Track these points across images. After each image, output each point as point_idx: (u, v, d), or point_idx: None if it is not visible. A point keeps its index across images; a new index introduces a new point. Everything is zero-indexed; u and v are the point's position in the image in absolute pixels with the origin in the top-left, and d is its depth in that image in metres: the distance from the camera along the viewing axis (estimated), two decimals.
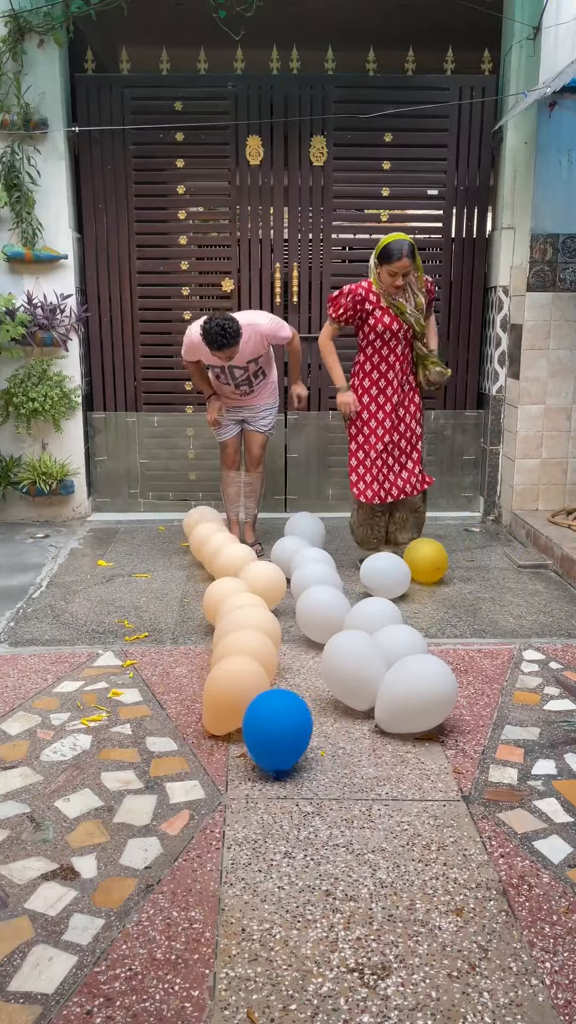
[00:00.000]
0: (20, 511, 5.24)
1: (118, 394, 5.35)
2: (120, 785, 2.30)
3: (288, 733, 2.29)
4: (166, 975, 1.63)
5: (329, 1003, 1.57)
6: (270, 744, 2.29)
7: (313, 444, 5.40)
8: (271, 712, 2.31)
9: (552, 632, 3.44)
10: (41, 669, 3.05)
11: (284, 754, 2.31)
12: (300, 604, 3.22)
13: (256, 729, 2.31)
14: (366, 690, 2.64)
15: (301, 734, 2.32)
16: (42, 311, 4.90)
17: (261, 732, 2.30)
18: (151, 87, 4.97)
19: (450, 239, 5.20)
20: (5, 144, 4.75)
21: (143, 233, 5.17)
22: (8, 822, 2.12)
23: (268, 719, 2.30)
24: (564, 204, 4.72)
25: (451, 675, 2.51)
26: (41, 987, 1.60)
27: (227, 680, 2.50)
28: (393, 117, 4.87)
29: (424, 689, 2.47)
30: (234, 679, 2.50)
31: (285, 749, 2.30)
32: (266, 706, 2.34)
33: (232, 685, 2.49)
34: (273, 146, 5.05)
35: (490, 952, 1.69)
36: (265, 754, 2.31)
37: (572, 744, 2.52)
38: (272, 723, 2.29)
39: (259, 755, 2.33)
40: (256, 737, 2.31)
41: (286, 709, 2.31)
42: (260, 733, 2.30)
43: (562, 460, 4.97)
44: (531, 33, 4.66)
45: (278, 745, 2.29)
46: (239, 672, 2.52)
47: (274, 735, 2.29)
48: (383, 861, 1.98)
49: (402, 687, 2.50)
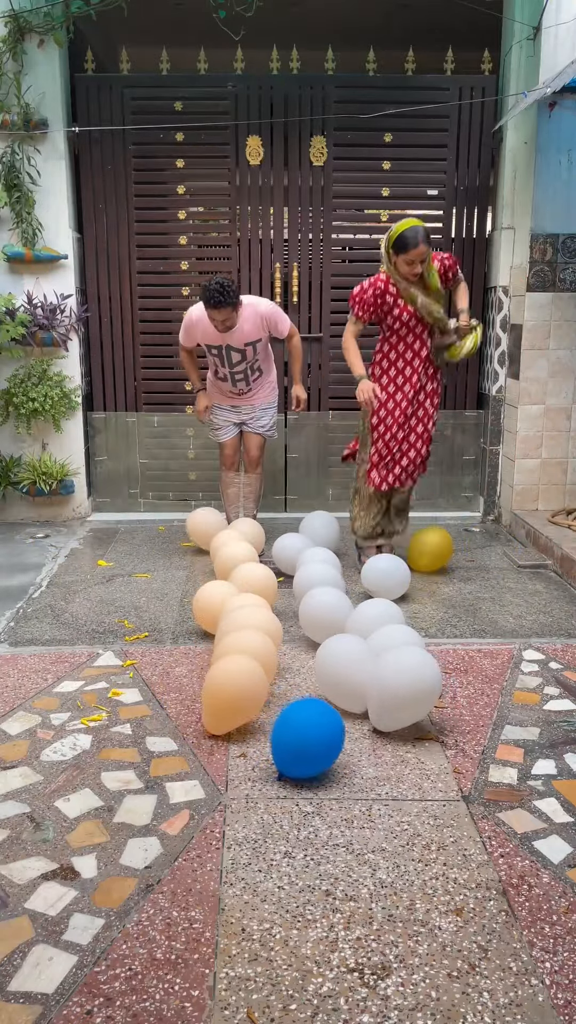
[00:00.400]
0: (20, 511, 5.24)
1: (118, 394, 5.35)
2: (120, 785, 2.30)
3: (323, 746, 2.28)
4: (166, 975, 1.63)
5: (329, 1003, 1.57)
6: (303, 753, 2.26)
7: (313, 444, 5.40)
8: (307, 722, 2.28)
9: (552, 632, 3.44)
10: (41, 669, 3.05)
11: (311, 764, 2.29)
12: (303, 605, 3.22)
13: (293, 736, 2.27)
14: (359, 693, 2.63)
15: (333, 749, 2.31)
16: (42, 311, 4.90)
17: (298, 740, 2.26)
18: (151, 87, 4.97)
19: (450, 239, 5.20)
20: (5, 144, 4.75)
21: (143, 233, 5.17)
22: (8, 822, 2.12)
23: (304, 728, 2.26)
24: (564, 204, 4.72)
25: (432, 664, 2.50)
26: (41, 987, 1.60)
27: (226, 679, 2.50)
28: (393, 117, 4.87)
29: (403, 681, 2.46)
30: (233, 679, 2.50)
31: (314, 760, 2.28)
32: (304, 716, 2.31)
33: (231, 685, 2.49)
34: (273, 146, 5.05)
35: (490, 952, 1.69)
36: (293, 762, 2.28)
37: (572, 744, 2.52)
38: (311, 733, 2.26)
39: (287, 761, 2.29)
40: (291, 745, 2.27)
41: (324, 722, 2.29)
42: (297, 741, 2.26)
43: (562, 460, 4.98)
44: (531, 33, 4.66)
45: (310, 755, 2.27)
46: (238, 672, 2.52)
47: (311, 745, 2.26)
48: (383, 861, 1.98)
49: (384, 681, 2.50)
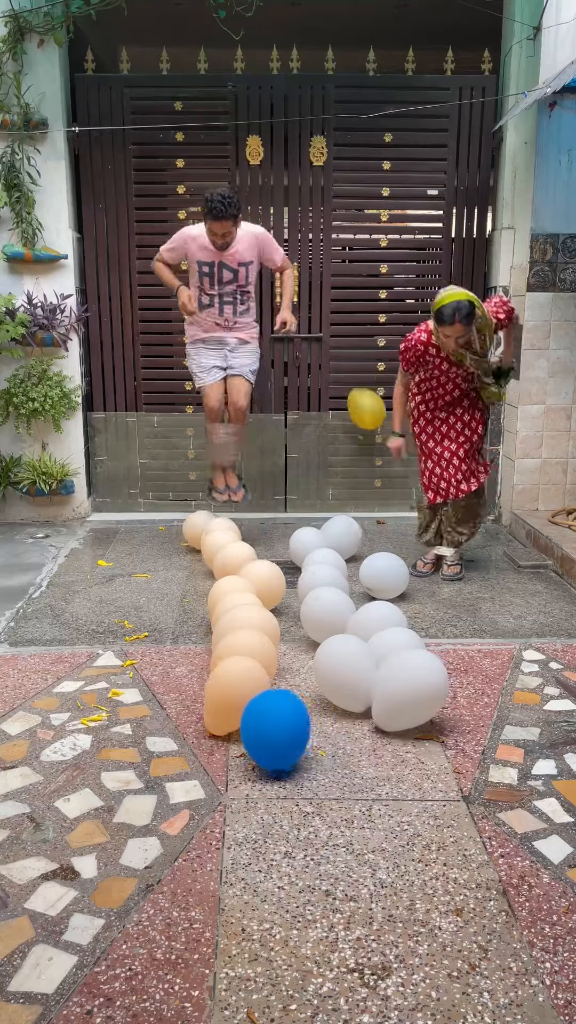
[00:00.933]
0: (20, 511, 5.24)
1: (118, 394, 5.35)
2: (120, 785, 2.30)
3: (286, 733, 2.29)
4: (166, 975, 1.63)
5: (329, 1003, 1.57)
6: (268, 744, 2.29)
7: (313, 444, 5.40)
8: (268, 711, 2.31)
9: (552, 632, 3.44)
10: (41, 669, 3.05)
11: (282, 754, 2.31)
12: (304, 605, 3.22)
13: (254, 728, 2.31)
14: (359, 692, 2.64)
15: (299, 734, 2.32)
16: (42, 311, 4.90)
17: (259, 731, 2.30)
18: (151, 87, 4.97)
19: (450, 239, 5.20)
20: (5, 144, 4.75)
21: (143, 233, 5.17)
22: (8, 822, 2.12)
23: (265, 718, 2.30)
24: (564, 204, 4.72)
25: (441, 667, 2.51)
26: (41, 987, 1.60)
27: (228, 681, 2.50)
28: (393, 117, 4.87)
29: (414, 682, 2.47)
30: (235, 680, 2.50)
31: (283, 749, 2.30)
32: (264, 706, 2.34)
33: (233, 686, 2.48)
34: (273, 146, 5.05)
35: (490, 952, 1.69)
36: (263, 754, 2.32)
37: (572, 744, 2.52)
38: (269, 722, 2.29)
39: (258, 755, 2.33)
40: (254, 737, 2.31)
41: (284, 709, 2.31)
42: (258, 732, 2.30)
43: (562, 460, 4.97)
44: (531, 33, 4.66)
45: (276, 745, 2.29)
46: (240, 673, 2.52)
47: (272, 734, 2.29)
48: (383, 861, 1.98)
49: (392, 683, 2.51)
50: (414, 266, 5.34)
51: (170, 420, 5.35)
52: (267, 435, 5.36)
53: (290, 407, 5.36)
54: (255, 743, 2.32)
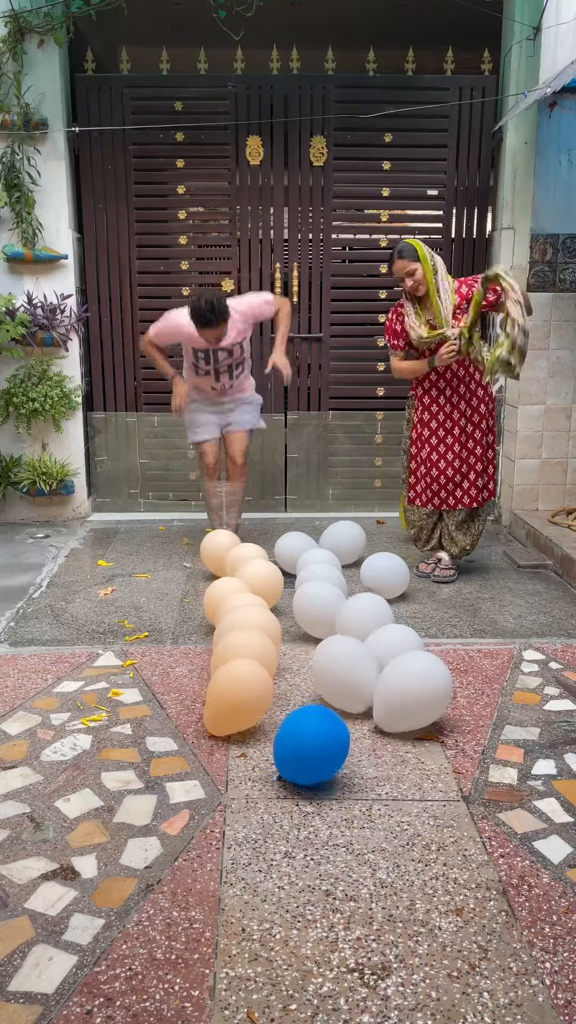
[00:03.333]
0: (20, 511, 5.24)
1: (118, 394, 5.35)
2: (120, 785, 2.30)
3: (325, 759, 2.25)
4: (166, 975, 1.63)
5: (329, 1003, 1.57)
6: (306, 762, 2.24)
7: (313, 444, 5.40)
8: (313, 731, 2.25)
9: (552, 632, 3.44)
10: (41, 669, 3.05)
11: (313, 773, 2.27)
12: (296, 599, 3.25)
13: (296, 744, 2.25)
14: (358, 693, 2.64)
15: (335, 762, 2.29)
16: (42, 311, 4.90)
17: (301, 748, 2.24)
18: (151, 87, 4.97)
19: (450, 239, 5.20)
20: (5, 144, 4.75)
21: (143, 233, 5.17)
22: (8, 822, 2.12)
23: (309, 737, 2.24)
24: (564, 204, 4.72)
25: (446, 670, 2.51)
26: (41, 987, 1.60)
27: (231, 682, 2.50)
28: (393, 117, 4.87)
29: (419, 686, 2.47)
30: (237, 681, 2.50)
31: (315, 770, 2.26)
32: (313, 725, 2.27)
33: (236, 687, 2.48)
34: (273, 146, 5.05)
35: (490, 952, 1.69)
36: (296, 769, 2.27)
37: (572, 744, 2.52)
38: (314, 742, 2.23)
39: (289, 768, 2.28)
40: (293, 751, 2.25)
41: (330, 732, 2.26)
42: (300, 749, 2.24)
43: (562, 460, 4.98)
44: (531, 33, 4.66)
45: (312, 765, 2.25)
46: (243, 674, 2.52)
47: (314, 755, 2.23)
48: (383, 861, 1.98)
49: (397, 685, 2.51)
50: None
51: (170, 420, 5.34)
52: (267, 435, 5.36)
53: (290, 407, 5.36)
54: (291, 758, 2.26)
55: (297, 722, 2.29)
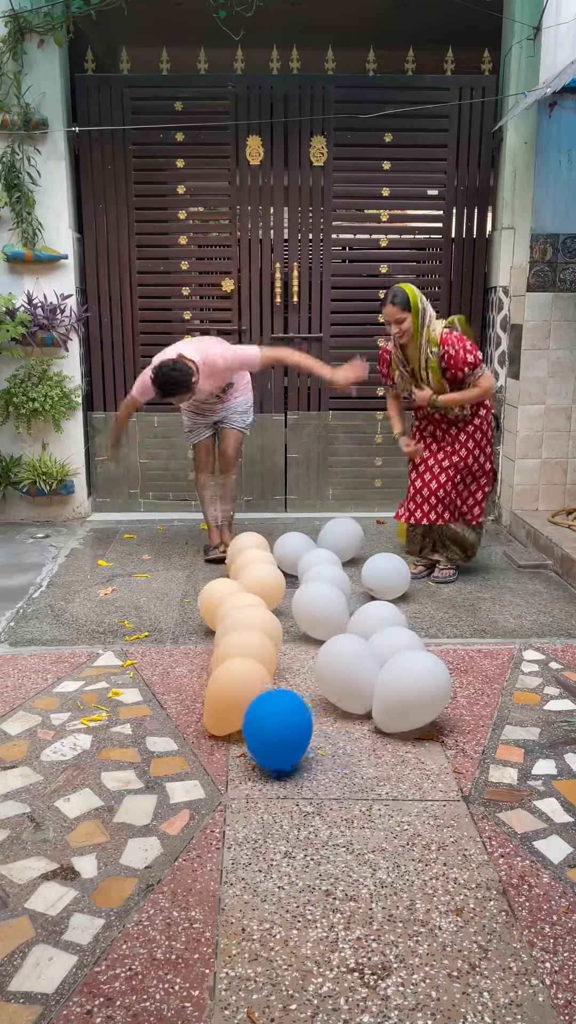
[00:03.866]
0: (20, 511, 5.24)
1: (118, 394, 5.34)
2: (120, 785, 2.30)
3: (288, 733, 2.29)
4: (166, 975, 1.63)
5: (329, 1003, 1.57)
6: (270, 744, 2.29)
7: (313, 444, 5.40)
8: (271, 712, 2.31)
9: (552, 632, 3.44)
10: (41, 669, 3.05)
11: (283, 754, 2.31)
12: (296, 600, 3.24)
13: (256, 728, 2.31)
14: (361, 693, 2.63)
15: (301, 734, 2.32)
16: (42, 311, 4.90)
17: (261, 732, 2.30)
18: (151, 87, 4.97)
19: (450, 239, 5.20)
20: (5, 144, 4.75)
21: (143, 233, 5.17)
22: (8, 822, 2.12)
23: (268, 719, 2.30)
24: (564, 204, 4.72)
25: (444, 669, 2.51)
26: (41, 987, 1.60)
27: (229, 681, 2.50)
28: (393, 117, 4.87)
29: (417, 685, 2.47)
30: (236, 681, 2.50)
31: (285, 749, 2.30)
32: (266, 706, 2.34)
33: (235, 687, 2.48)
34: (273, 146, 5.05)
35: (490, 952, 1.69)
36: (265, 754, 2.32)
37: (572, 744, 2.52)
38: (272, 723, 2.29)
39: (259, 754, 2.33)
40: (256, 736, 2.31)
41: (286, 709, 2.31)
42: (260, 733, 2.30)
43: (562, 460, 4.98)
44: (531, 33, 4.66)
45: (278, 745, 2.29)
46: (242, 674, 2.52)
47: (274, 735, 2.29)
48: (383, 861, 1.98)
49: (395, 684, 2.51)
50: (414, 266, 5.34)
51: (170, 420, 5.35)
52: (267, 435, 5.37)
53: (290, 407, 5.36)
54: (257, 742, 2.32)
55: (255, 710, 2.34)
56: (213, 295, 5.26)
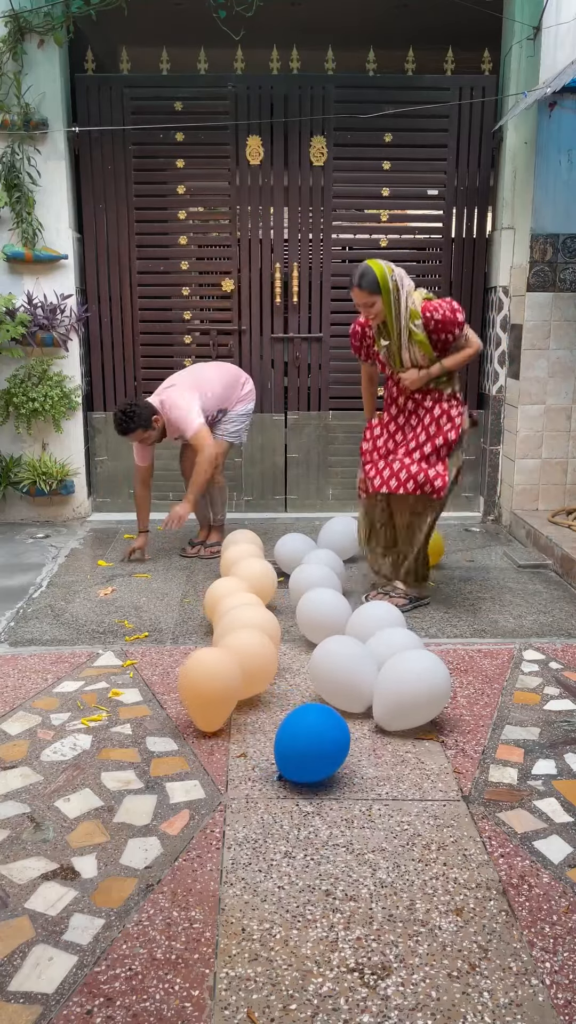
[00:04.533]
0: (20, 511, 5.24)
1: (118, 394, 5.34)
2: (120, 785, 2.30)
3: (328, 755, 2.26)
4: (166, 975, 1.63)
5: (329, 1003, 1.57)
6: (307, 760, 2.25)
7: (313, 444, 5.40)
8: (313, 729, 2.26)
9: (552, 632, 3.44)
10: (41, 669, 3.05)
11: (315, 771, 2.27)
12: (299, 606, 3.22)
13: (294, 743, 2.26)
14: (358, 693, 2.63)
15: (337, 756, 2.29)
16: (42, 311, 4.90)
17: (303, 745, 2.25)
18: (151, 87, 4.97)
19: (450, 239, 5.20)
20: (5, 144, 4.75)
21: (143, 233, 5.17)
22: (8, 822, 2.12)
23: (310, 736, 2.25)
24: (564, 204, 4.72)
25: (444, 669, 2.51)
26: (41, 987, 1.60)
27: (200, 674, 2.51)
28: (393, 117, 4.87)
29: (417, 684, 2.47)
30: (207, 672, 2.51)
31: (318, 766, 2.27)
32: (310, 721, 2.29)
33: (207, 680, 2.50)
34: (273, 146, 5.05)
35: (490, 952, 1.69)
36: (298, 767, 2.27)
37: (572, 744, 2.52)
38: (315, 740, 2.24)
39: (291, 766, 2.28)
40: (295, 750, 2.26)
41: (331, 730, 2.27)
42: (301, 746, 2.25)
43: (562, 460, 4.98)
44: (531, 33, 4.66)
45: (313, 763, 2.25)
46: (210, 665, 2.53)
47: (315, 752, 2.24)
48: (383, 861, 1.98)
49: (395, 684, 2.51)
50: (414, 266, 5.33)
51: None
52: (267, 435, 5.36)
53: (290, 407, 5.36)
54: (292, 757, 2.27)
55: (298, 720, 2.29)
56: (213, 295, 5.26)
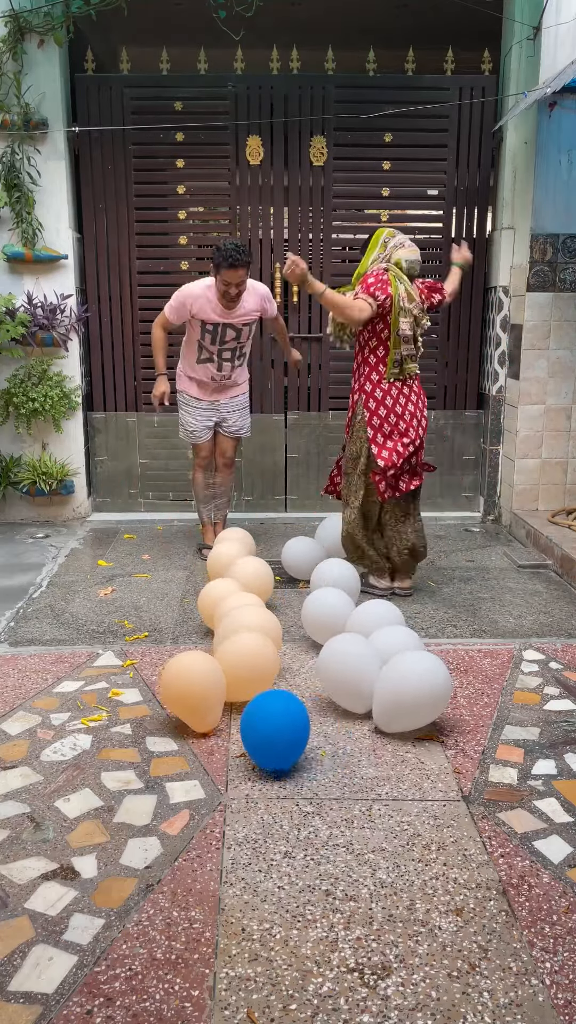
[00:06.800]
0: (20, 511, 5.24)
1: (118, 394, 5.35)
2: (120, 785, 2.30)
3: (285, 733, 2.29)
4: (166, 975, 1.63)
5: (329, 1003, 1.57)
6: (266, 744, 2.30)
7: (313, 444, 5.40)
8: (268, 712, 2.31)
9: (552, 632, 3.44)
10: (41, 669, 3.05)
11: (281, 754, 2.31)
12: (306, 606, 3.21)
13: (253, 729, 2.31)
14: (362, 692, 2.63)
15: (299, 734, 2.32)
16: (42, 311, 4.90)
17: (257, 732, 2.30)
18: (151, 87, 4.97)
19: (450, 239, 5.19)
20: (5, 144, 4.75)
21: (143, 233, 5.17)
22: (8, 822, 2.12)
23: (264, 719, 2.30)
24: (564, 204, 4.72)
25: (445, 670, 2.51)
26: (41, 987, 1.60)
27: (177, 680, 2.52)
28: (393, 117, 4.87)
29: (418, 685, 2.47)
30: (183, 678, 2.52)
31: (282, 749, 2.30)
32: (263, 706, 2.34)
33: (189, 682, 2.51)
34: (273, 146, 5.05)
35: (490, 952, 1.69)
36: (262, 754, 2.32)
37: (572, 744, 2.52)
38: (268, 723, 2.29)
39: (257, 755, 2.33)
40: (253, 737, 2.31)
41: (283, 709, 2.32)
42: (256, 733, 2.30)
43: (562, 460, 4.98)
44: (531, 33, 4.66)
45: (275, 745, 2.29)
46: (184, 669, 2.54)
47: (270, 735, 2.29)
48: (383, 861, 1.98)
49: (396, 685, 2.51)
50: None
51: (170, 420, 5.34)
52: (267, 435, 5.36)
53: (290, 407, 5.36)
54: (254, 744, 2.32)
55: (254, 710, 2.34)
56: None
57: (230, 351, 4.17)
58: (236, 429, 4.37)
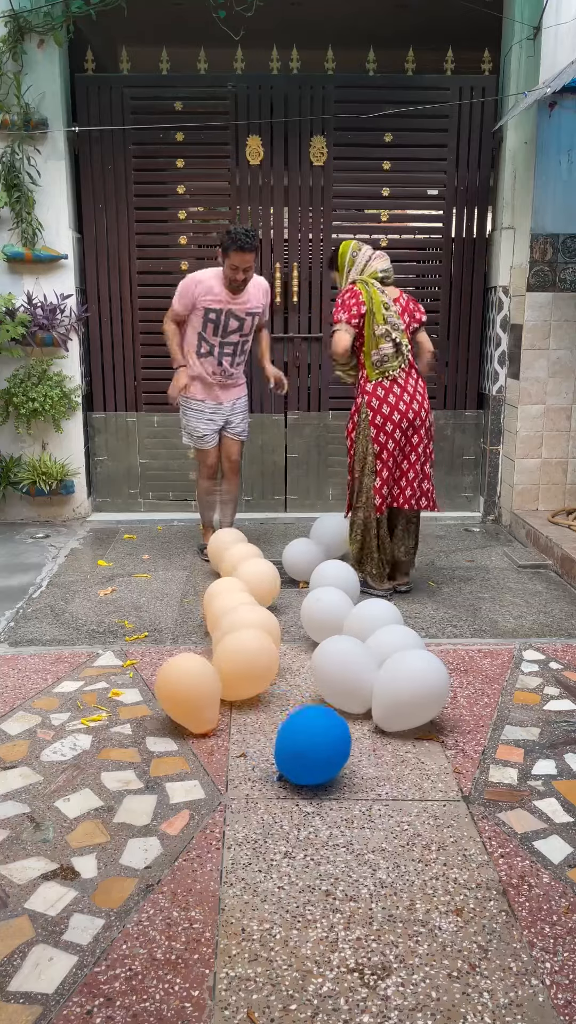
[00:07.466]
0: (20, 511, 5.24)
1: (118, 394, 5.35)
2: (120, 785, 2.30)
3: (328, 756, 2.26)
4: (166, 975, 1.63)
5: (329, 1003, 1.57)
6: (308, 762, 2.24)
7: (313, 444, 5.40)
8: (318, 731, 2.25)
9: (552, 632, 3.44)
10: (41, 669, 3.05)
11: (316, 773, 2.27)
12: (304, 606, 3.21)
13: (298, 744, 2.25)
14: (359, 693, 2.63)
15: (338, 759, 2.29)
16: (42, 311, 4.90)
17: (304, 747, 2.24)
18: (151, 87, 4.97)
19: (450, 239, 5.20)
20: (5, 144, 4.75)
21: (143, 233, 5.17)
22: (8, 822, 2.12)
23: (314, 737, 2.24)
24: (564, 204, 4.72)
25: (442, 668, 2.51)
26: (41, 987, 1.60)
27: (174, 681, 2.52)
28: (393, 117, 4.87)
29: (416, 683, 2.47)
30: (180, 677, 2.52)
31: (319, 769, 2.26)
32: (315, 724, 2.28)
33: (182, 686, 2.51)
34: (273, 146, 5.05)
35: (490, 952, 1.69)
36: (298, 769, 2.27)
37: (572, 744, 2.52)
38: (317, 742, 2.23)
39: (291, 768, 2.28)
40: (294, 752, 2.26)
41: (332, 732, 2.27)
42: (302, 748, 2.25)
43: (562, 460, 4.98)
44: (531, 33, 4.66)
45: (315, 764, 2.25)
46: (181, 670, 2.54)
47: (316, 755, 2.24)
48: (383, 861, 1.98)
49: (394, 684, 2.51)
50: (414, 266, 5.34)
51: (170, 420, 5.35)
52: (267, 435, 5.36)
53: (290, 407, 5.36)
54: (292, 759, 2.26)
55: (299, 721, 2.29)
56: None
57: (232, 345, 4.17)
58: (240, 431, 4.37)
